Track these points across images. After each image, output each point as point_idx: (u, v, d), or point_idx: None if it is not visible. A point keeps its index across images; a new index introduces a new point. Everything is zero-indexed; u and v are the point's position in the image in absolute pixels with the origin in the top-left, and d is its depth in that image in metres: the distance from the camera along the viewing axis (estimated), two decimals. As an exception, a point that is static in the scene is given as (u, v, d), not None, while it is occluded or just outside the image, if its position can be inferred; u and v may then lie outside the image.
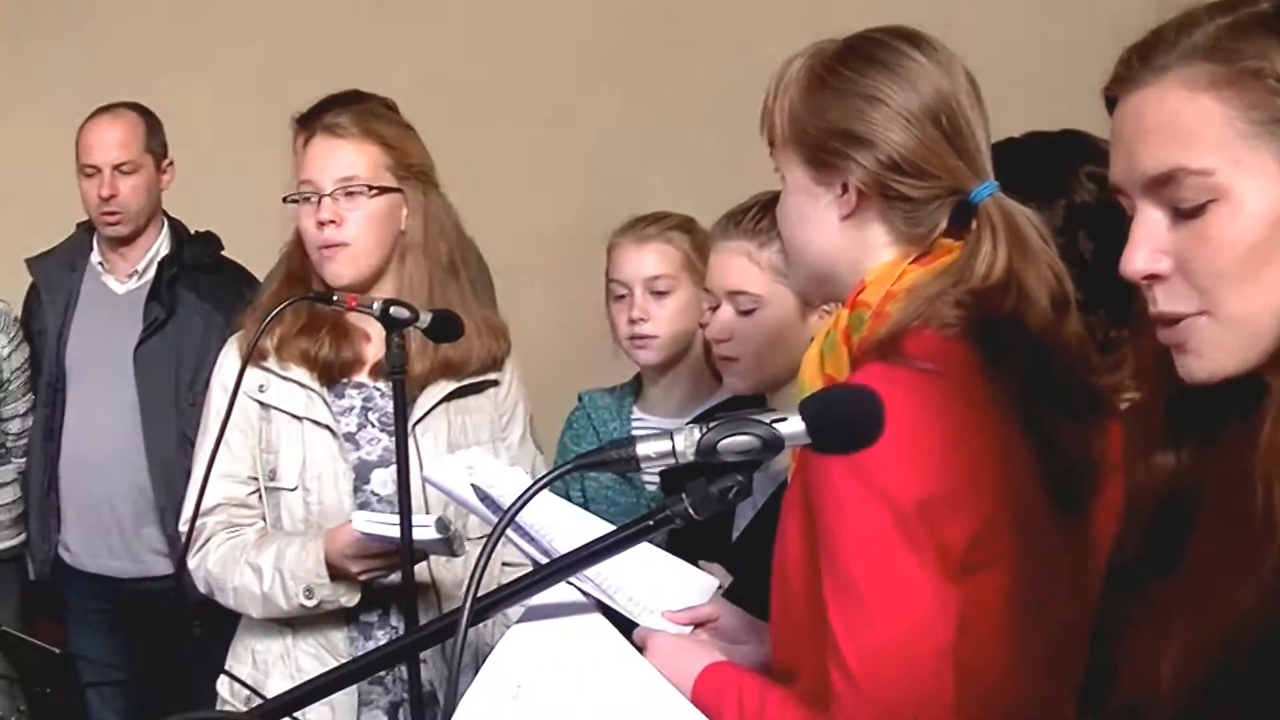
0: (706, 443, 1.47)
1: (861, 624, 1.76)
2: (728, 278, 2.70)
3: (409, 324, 2.68)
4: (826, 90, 1.93)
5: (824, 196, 1.95)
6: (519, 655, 1.57)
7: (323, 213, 2.90)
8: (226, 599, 2.95)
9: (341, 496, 2.92)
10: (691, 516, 1.51)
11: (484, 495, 2.30)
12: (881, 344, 1.83)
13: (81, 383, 4.32)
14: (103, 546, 4.32)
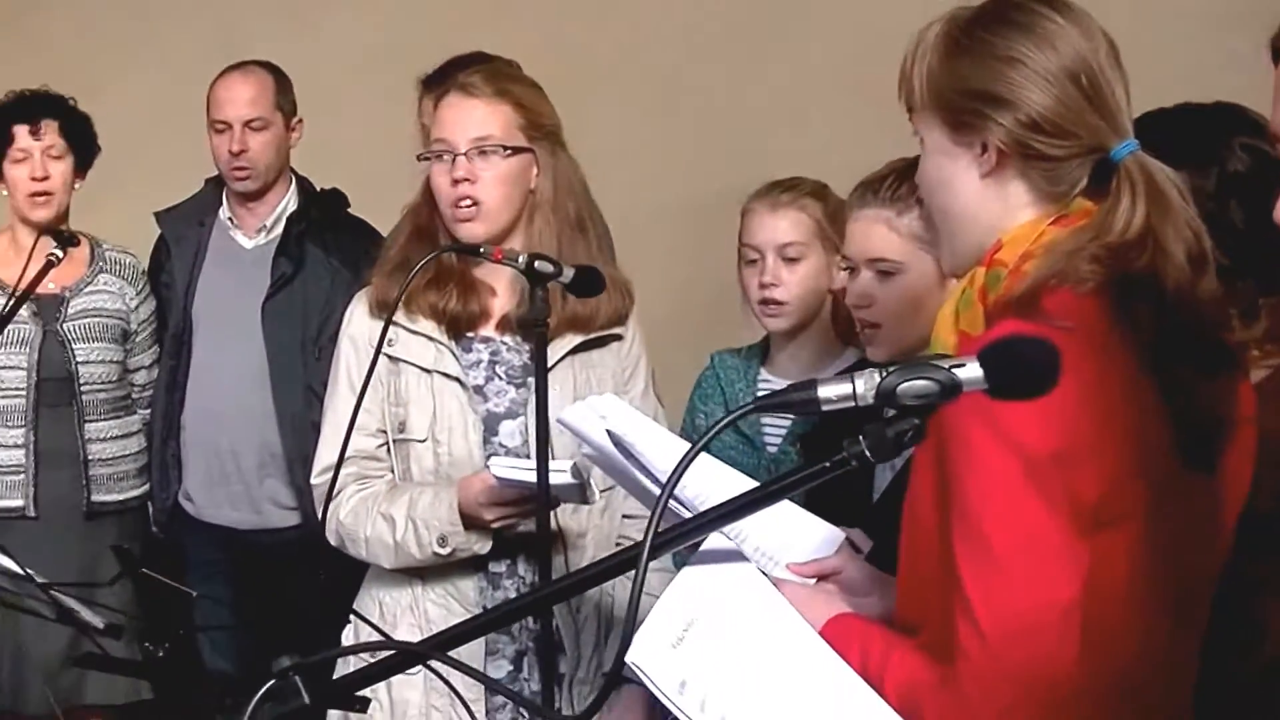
0: (886, 386, 1.50)
1: (991, 575, 1.78)
2: (867, 245, 2.71)
3: (552, 278, 2.72)
4: (964, 53, 1.95)
5: (963, 157, 1.97)
6: (687, 598, 1.60)
7: (457, 171, 2.94)
8: (359, 550, 3.00)
9: (471, 448, 2.97)
10: (867, 459, 1.53)
11: (618, 441, 2.33)
12: (1019, 301, 1.84)
13: (207, 335, 4.36)
14: (224, 497, 4.37)
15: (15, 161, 4.20)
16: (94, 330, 4.24)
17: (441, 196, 2.98)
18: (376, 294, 3.04)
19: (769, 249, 3.16)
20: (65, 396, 4.20)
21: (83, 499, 4.22)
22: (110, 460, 4.28)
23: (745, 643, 1.58)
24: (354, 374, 3.03)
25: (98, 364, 4.24)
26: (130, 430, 4.38)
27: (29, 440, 4.17)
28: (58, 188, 4.21)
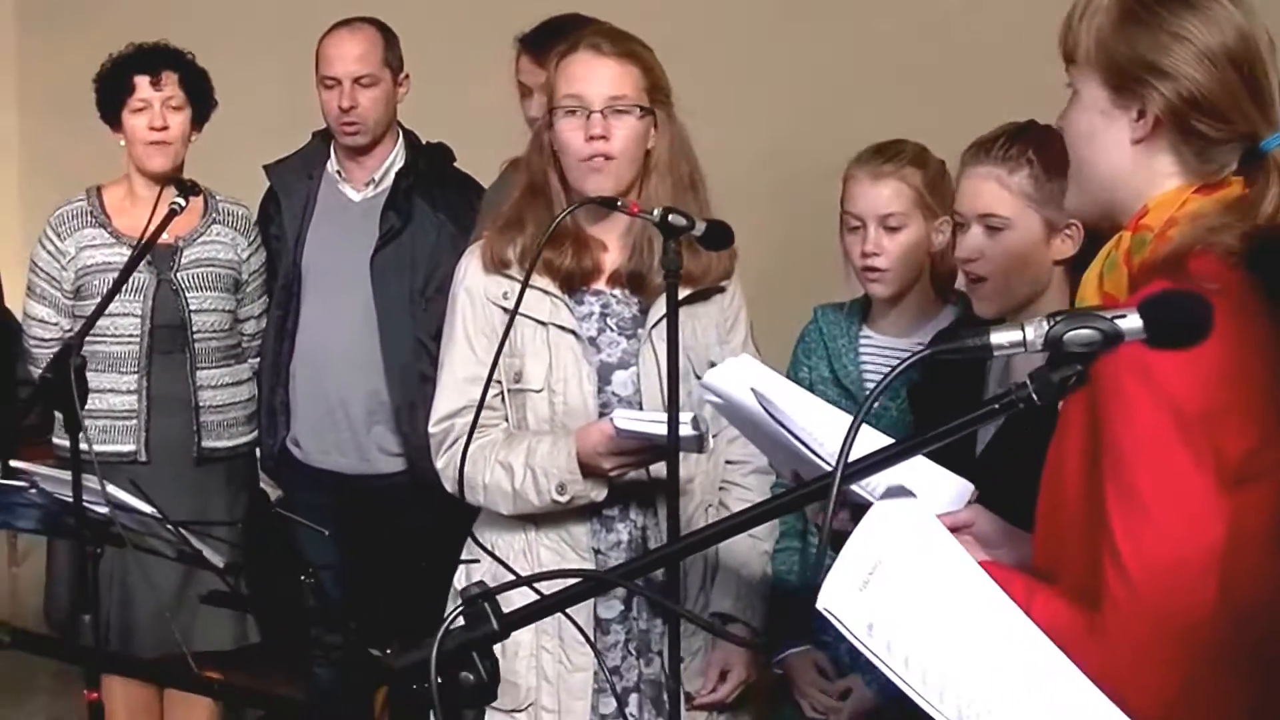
0: (1054, 334, 1.60)
1: (1140, 523, 1.88)
2: (978, 201, 2.82)
3: (685, 231, 2.80)
4: (1138, 22, 2.03)
5: (1119, 119, 2.06)
6: (872, 541, 1.68)
7: (594, 128, 3.02)
8: (476, 496, 3.09)
9: (586, 398, 3.06)
10: (1033, 401, 1.62)
11: (763, 401, 2.42)
12: (1166, 261, 1.94)
13: (316, 286, 4.43)
14: (332, 444, 4.46)
15: (135, 111, 4.25)
16: (207, 279, 4.31)
17: (571, 151, 3.05)
18: (492, 250, 3.11)
19: (870, 218, 3.22)
20: (178, 344, 4.27)
21: (193, 445, 4.30)
22: (220, 407, 4.36)
23: (926, 586, 1.64)
24: (470, 326, 3.12)
25: (210, 312, 4.31)
26: (240, 378, 4.45)
27: (142, 386, 4.24)
28: (175, 138, 4.27)
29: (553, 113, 3.08)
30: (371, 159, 4.46)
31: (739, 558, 3.20)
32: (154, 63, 4.28)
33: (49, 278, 4.31)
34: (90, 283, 4.25)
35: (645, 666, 3.11)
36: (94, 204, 4.34)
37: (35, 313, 4.35)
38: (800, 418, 2.41)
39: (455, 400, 3.11)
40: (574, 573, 2.75)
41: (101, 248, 4.29)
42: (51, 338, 4.32)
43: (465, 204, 4.44)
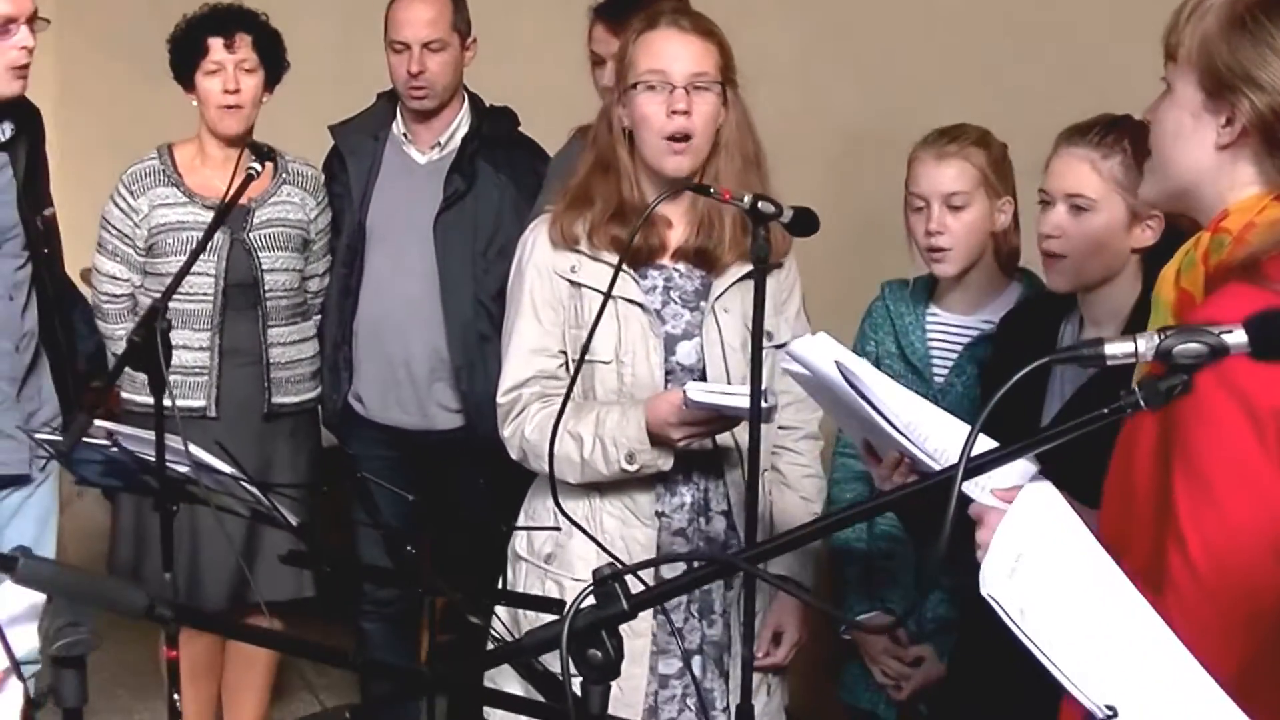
0: (1164, 347, 1.70)
1: (1206, 511, 1.96)
2: (1067, 180, 2.93)
3: (774, 218, 2.87)
4: (1245, 32, 2.08)
5: (1208, 122, 2.13)
6: (1015, 530, 1.80)
7: (677, 103, 3.08)
8: (542, 465, 3.11)
9: (653, 369, 3.14)
10: (1141, 408, 1.73)
11: (848, 373, 2.50)
12: (1245, 264, 2.01)
13: (381, 246, 4.49)
14: (394, 400, 4.54)
15: (208, 73, 4.28)
16: (278, 240, 4.37)
17: (653, 126, 3.11)
18: (561, 226, 3.18)
19: (935, 198, 3.29)
20: (250, 302, 4.33)
21: (263, 400, 4.38)
22: (289, 364, 4.44)
23: (1065, 573, 1.77)
24: (537, 299, 3.19)
25: (281, 272, 4.37)
26: (306, 335, 4.52)
27: (214, 343, 4.31)
28: (248, 101, 4.30)
29: (630, 88, 3.13)
30: (438, 122, 4.52)
31: (792, 519, 3.29)
32: (228, 24, 4.30)
33: (121, 235, 4.37)
34: (163, 240, 4.31)
35: (708, 628, 3.20)
36: (166, 163, 4.39)
37: (106, 269, 4.41)
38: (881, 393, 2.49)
39: (523, 370, 3.19)
40: (701, 556, 2.86)
41: (175, 206, 4.34)
42: (122, 293, 4.40)
43: (528, 168, 4.51)
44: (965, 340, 3.35)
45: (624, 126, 3.17)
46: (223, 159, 4.34)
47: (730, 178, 3.13)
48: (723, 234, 3.15)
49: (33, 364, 4.16)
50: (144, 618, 1.78)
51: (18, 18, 3.91)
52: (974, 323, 3.35)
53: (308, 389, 4.53)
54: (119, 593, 1.80)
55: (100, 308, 4.45)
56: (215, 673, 4.67)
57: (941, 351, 3.37)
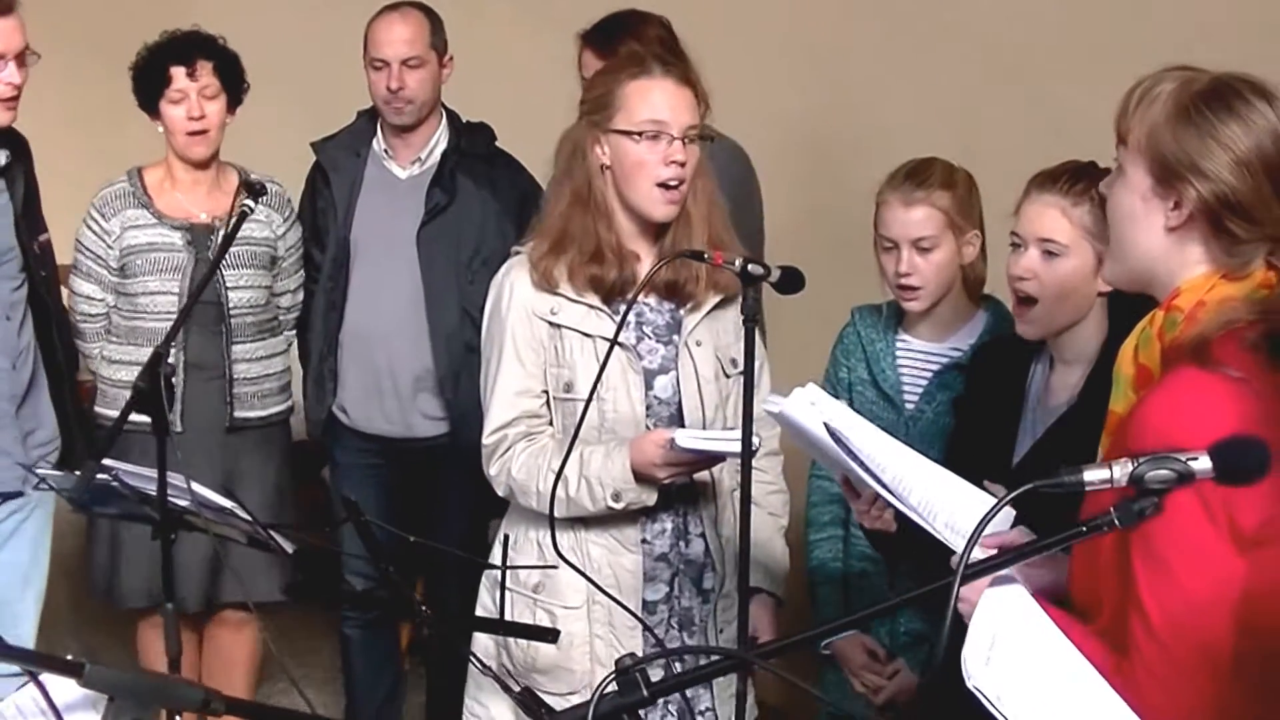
0: (1136, 474, 1.86)
1: (1166, 587, 2.09)
2: (1039, 225, 3.02)
3: (764, 279, 2.97)
4: (1189, 123, 2.22)
5: (1158, 206, 2.26)
6: (988, 619, 1.94)
7: (676, 154, 3.19)
8: (529, 502, 3.25)
9: (634, 403, 3.25)
10: (1117, 526, 1.89)
11: (835, 435, 2.63)
12: (1194, 348, 2.15)
13: (365, 260, 4.58)
14: (378, 411, 4.64)
15: (173, 102, 4.36)
16: (243, 258, 4.43)
17: (648, 173, 3.20)
18: (541, 269, 3.26)
19: (903, 242, 3.39)
20: (215, 319, 4.43)
21: (226, 415, 4.47)
22: (254, 379, 4.51)
23: (1032, 660, 1.92)
24: (520, 344, 3.28)
25: (246, 289, 4.44)
26: (275, 351, 4.60)
27: (179, 360, 4.38)
28: (213, 126, 4.38)
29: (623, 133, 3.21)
30: (417, 137, 4.61)
31: (762, 534, 3.40)
32: (189, 52, 4.38)
33: (95, 256, 4.45)
34: (134, 262, 4.40)
35: (688, 639, 3.34)
36: (135, 185, 4.47)
37: (82, 290, 4.50)
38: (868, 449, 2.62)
39: (508, 412, 3.29)
40: (714, 650, 3.05)
41: (145, 228, 4.42)
42: (98, 313, 4.50)
43: (507, 182, 4.62)
44: (934, 368, 3.46)
45: (603, 164, 3.26)
46: (190, 182, 4.46)
47: (699, 217, 3.28)
48: (693, 268, 3.25)
49: (31, 383, 4.22)
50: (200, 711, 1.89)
51: (5, 54, 3.97)
52: (943, 350, 3.47)
53: (275, 403, 4.61)
54: (177, 691, 1.90)
55: (77, 327, 4.53)
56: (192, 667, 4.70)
57: (911, 379, 3.49)
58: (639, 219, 3.27)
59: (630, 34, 4.28)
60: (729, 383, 3.32)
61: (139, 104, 4.47)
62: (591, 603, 3.26)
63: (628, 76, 3.27)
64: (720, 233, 3.30)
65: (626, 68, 3.32)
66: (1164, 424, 2.10)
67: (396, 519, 4.72)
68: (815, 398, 2.77)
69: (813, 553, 3.60)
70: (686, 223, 3.27)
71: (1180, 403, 2.12)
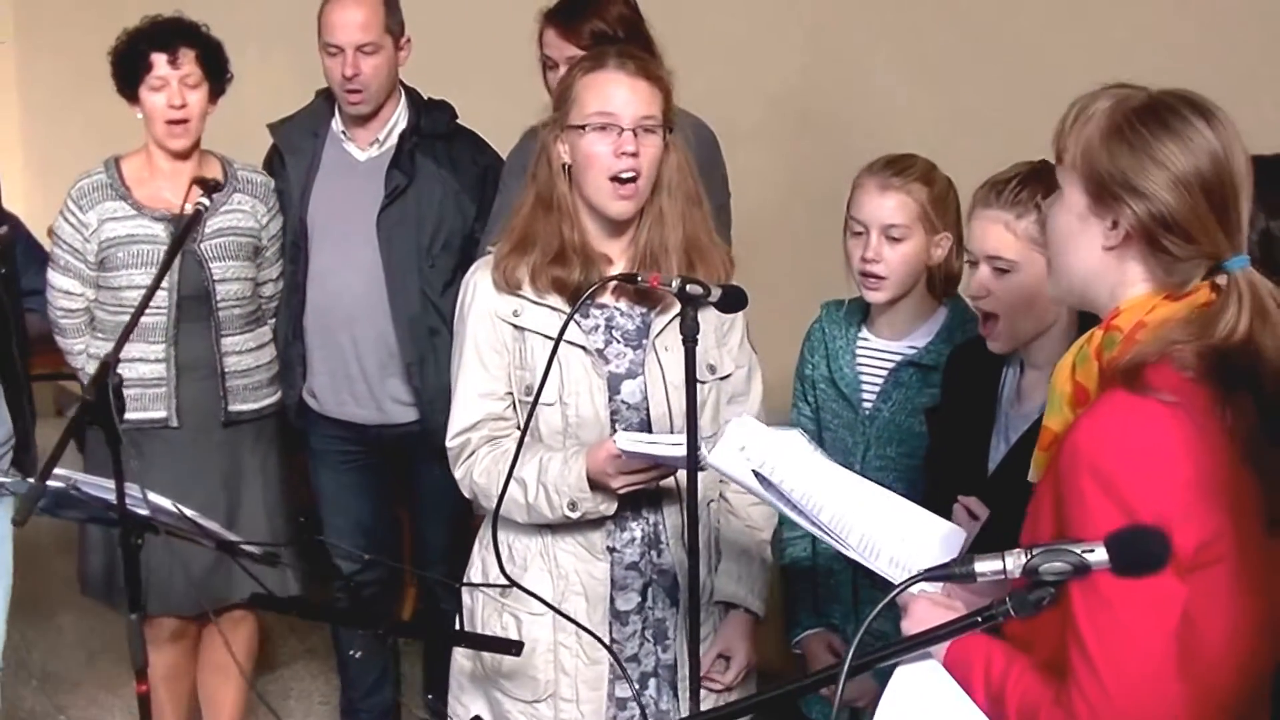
0: (1030, 566, 1.88)
1: (1099, 611, 2.07)
2: (986, 243, 2.98)
3: (703, 299, 2.92)
4: (1123, 141, 2.18)
5: (1095, 226, 2.23)
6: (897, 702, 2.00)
7: (627, 145, 3.13)
8: (491, 505, 3.20)
9: (598, 409, 3.20)
10: (1011, 615, 1.91)
11: (766, 481, 2.59)
12: (1127, 373, 2.12)
13: (324, 242, 4.54)
14: (348, 395, 4.61)
15: (153, 89, 4.30)
16: (229, 249, 4.39)
17: (600, 166, 3.15)
18: (504, 271, 3.22)
19: (874, 226, 3.34)
20: (203, 313, 4.36)
21: (220, 409, 4.43)
22: (245, 371, 4.48)
23: None
24: (481, 344, 3.24)
25: (233, 281, 4.40)
26: (263, 341, 4.56)
27: (170, 355, 4.35)
28: (194, 115, 4.33)
29: (576, 128, 3.17)
30: (375, 120, 4.56)
31: (739, 545, 3.38)
32: (170, 39, 4.31)
33: (72, 250, 4.40)
34: (114, 254, 4.35)
35: (662, 653, 3.29)
36: (113, 176, 4.42)
37: (60, 284, 4.44)
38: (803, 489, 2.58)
39: (471, 415, 3.26)
40: None
41: (124, 220, 4.36)
42: (78, 308, 4.45)
43: (469, 160, 4.57)
44: (891, 365, 3.42)
45: (564, 163, 3.21)
46: (170, 171, 4.39)
47: (674, 216, 3.21)
48: (668, 270, 3.18)
49: None
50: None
51: None
52: (900, 348, 3.42)
53: (266, 395, 4.58)
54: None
55: (57, 323, 4.49)
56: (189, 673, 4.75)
57: (870, 377, 3.44)
58: (604, 218, 3.22)
59: (594, 12, 4.21)
60: (704, 389, 3.25)
61: (118, 89, 4.41)
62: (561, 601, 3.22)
63: (582, 71, 3.23)
64: (697, 232, 3.24)
65: (584, 63, 3.28)
66: (1093, 451, 2.08)
67: (377, 505, 4.81)
68: (747, 438, 2.71)
69: (785, 550, 3.56)
70: (659, 221, 3.21)
71: (1110, 429, 2.09)
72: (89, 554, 4.53)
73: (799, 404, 3.57)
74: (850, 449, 3.42)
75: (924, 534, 2.61)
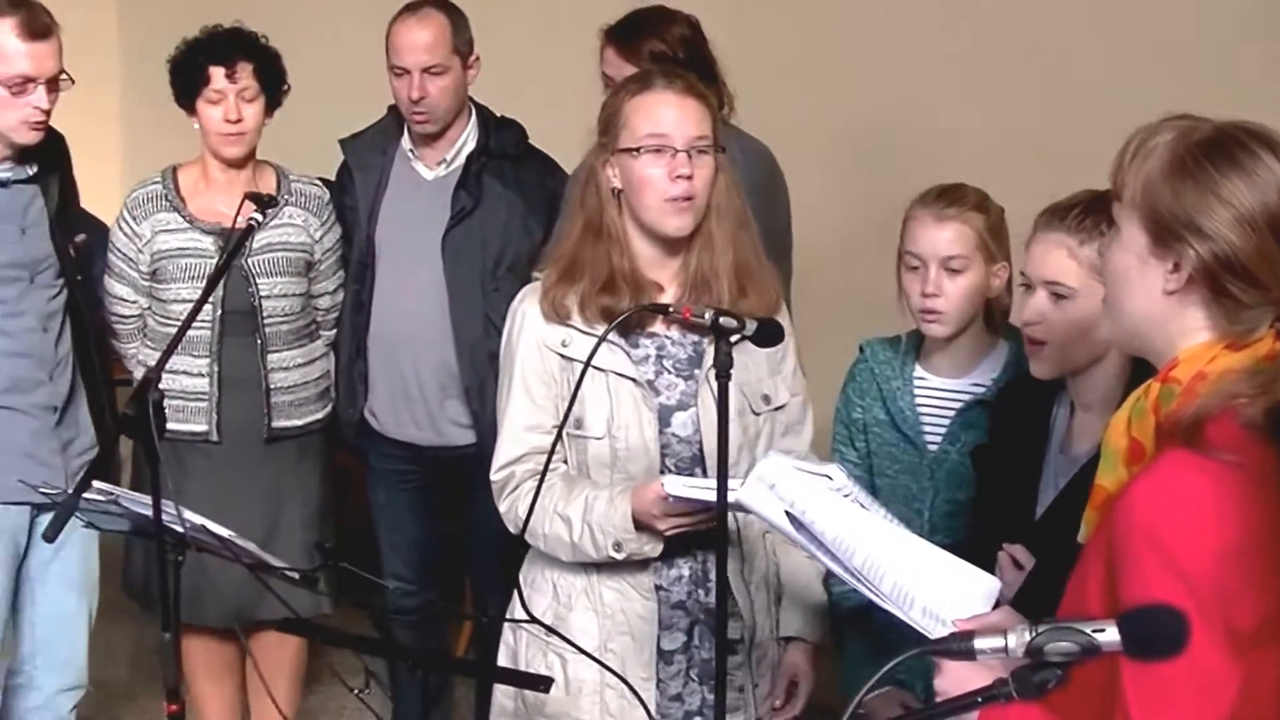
0: (1035, 644, 1.73)
1: (1154, 692, 1.92)
2: (1045, 267, 2.85)
3: (737, 332, 2.84)
4: (1187, 177, 2.04)
5: (1155, 267, 2.08)
6: None
7: (682, 167, 3.04)
8: (537, 543, 3.15)
9: (647, 442, 3.10)
10: (1013, 698, 1.76)
11: (798, 522, 2.50)
12: (1187, 429, 1.97)
13: (390, 262, 4.48)
14: (407, 417, 4.54)
15: (210, 102, 4.27)
16: (278, 265, 4.35)
17: (655, 189, 3.06)
18: (552, 300, 3.14)
19: (932, 259, 3.24)
20: (249, 328, 4.32)
21: (264, 425, 4.38)
22: (291, 388, 4.43)
23: None
24: (528, 374, 3.16)
25: (280, 298, 4.35)
26: (313, 356, 4.51)
27: (213, 370, 4.31)
28: (250, 128, 4.29)
29: (628, 151, 3.08)
30: (443, 139, 4.49)
31: (802, 580, 3.28)
32: (229, 52, 4.28)
33: (127, 259, 4.38)
34: (165, 267, 4.32)
35: (708, 693, 3.18)
36: (169, 187, 4.39)
37: (116, 291, 4.42)
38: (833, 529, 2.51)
39: (515, 448, 3.18)
40: None
41: (176, 233, 4.34)
42: (132, 314, 4.43)
43: (537, 182, 4.50)
44: (956, 405, 3.30)
45: (613, 188, 3.13)
46: (225, 182, 4.36)
47: (724, 240, 3.12)
48: (720, 295, 3.09)
49: (70, 392, 4.21)
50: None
51: (37, 78, 3.93)
52: (964, 386, 3.31)
53: (314, 410, 4.53)
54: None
55: (113, 328, 4.48)
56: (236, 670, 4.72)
57: (932, 417, 3.33)
58: (656, 242, 3.14)
59: (654, 33, 4.16)
60: (758, 420, 3.17)
61: (175, 99, 4.38)
62: (605, 649, 3.14)
63: (629, 94, 3.15)
64: (746, 255, 3.16)
65: (630, 85, 3.20)
66: (1150, 515, 1.94)
67: (433, 526, 4.75)
68: (779, 476, 2.62)
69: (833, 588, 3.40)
70: (709, 245, 3.12)
71: (1168, 491, 1.96)
72: (133, 555, 4.51)
73: (842, 449, 3.45)
74: (916, 494, 3.32)
75: (960, 585, 2.50)
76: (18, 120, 3.95)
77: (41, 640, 4.26)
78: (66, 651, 4.32)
